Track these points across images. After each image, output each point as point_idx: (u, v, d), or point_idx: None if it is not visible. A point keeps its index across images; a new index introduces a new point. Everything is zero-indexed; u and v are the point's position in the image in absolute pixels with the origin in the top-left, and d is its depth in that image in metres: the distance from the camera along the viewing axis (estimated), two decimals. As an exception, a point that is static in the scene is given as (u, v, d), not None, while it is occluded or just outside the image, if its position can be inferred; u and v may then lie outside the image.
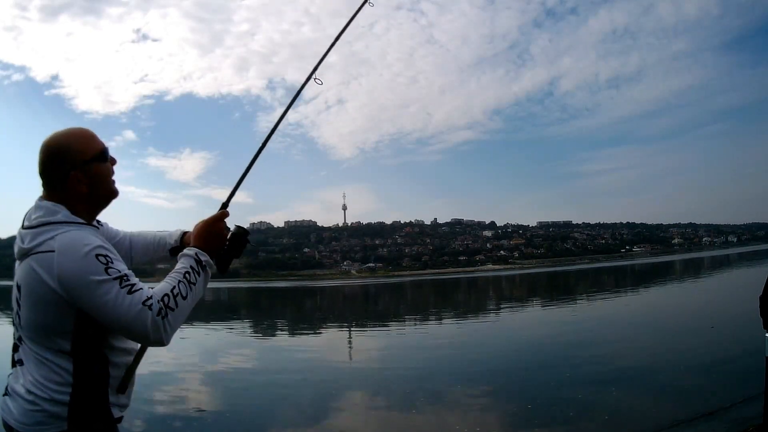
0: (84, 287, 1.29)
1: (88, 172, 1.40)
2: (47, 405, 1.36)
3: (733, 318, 11.34)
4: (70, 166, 1.38)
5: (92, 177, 1.41)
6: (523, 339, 11.63)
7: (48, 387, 1.36)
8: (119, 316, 1.30)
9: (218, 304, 32.99)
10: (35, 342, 1.38)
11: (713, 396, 5.78)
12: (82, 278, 1.29)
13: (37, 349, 1.38)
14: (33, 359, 1.39)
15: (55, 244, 1.32)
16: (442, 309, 23.41)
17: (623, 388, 6.50)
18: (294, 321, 21.59)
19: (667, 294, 22.16)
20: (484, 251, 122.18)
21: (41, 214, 1.37)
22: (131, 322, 1.30)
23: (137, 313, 1.30)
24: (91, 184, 1.42)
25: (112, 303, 1.29)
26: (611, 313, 16.44)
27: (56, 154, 1.38)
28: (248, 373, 9.18)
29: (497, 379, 7.56)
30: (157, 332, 1.31)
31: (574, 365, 8.16)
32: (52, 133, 1.41)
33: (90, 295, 1.29)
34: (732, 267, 39.40)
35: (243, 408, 6.45)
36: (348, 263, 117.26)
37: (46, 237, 1.34)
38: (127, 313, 1.30)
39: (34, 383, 1.37)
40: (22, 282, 1.36)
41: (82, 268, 1.30)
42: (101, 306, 1.30)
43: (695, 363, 7.60)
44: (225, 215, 1.59)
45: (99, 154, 1.43)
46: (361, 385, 7.79)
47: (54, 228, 1.35)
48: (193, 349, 11.98)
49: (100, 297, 1.29)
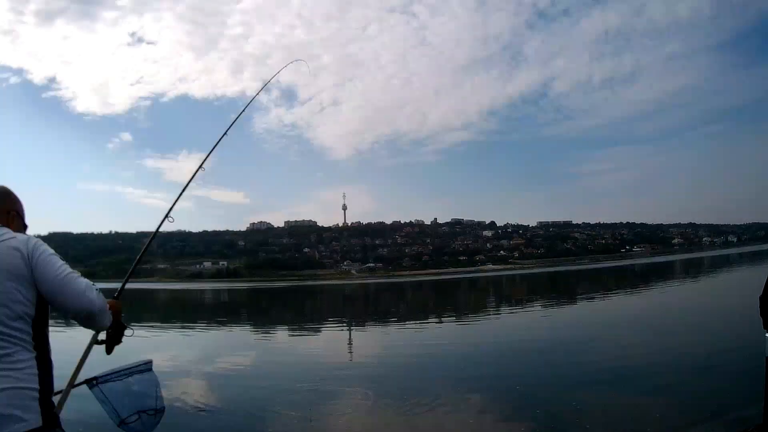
0: (43, 251, 1.63)
1: (19, 220, 1.84)
2: (17, 398, 1.48)
3: (733, 318, 11.34)
4: (13, 207, 1.82)
5: (19, 225, 1.81)
6: (523, 339, 11.61)
7: (18, 377, 1.51)
8: (62, 275, 1.62)
9: (218, 305, 33.02)
10: (5, 325, 1.53)
11: (713, 396, 5.79)
12: (41, 244, 1.65)
13: (7, 332, 1.53)
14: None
15: (18, 235, 1.69)
16: (441, 309, 23.40)
17: (622, 389, 6.50)
18: (294, 321, 21.59)
19: (667, 294, 22.15)
20: (484, 251, 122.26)
21: None
22: (73, 280, 1.63)
23: (93, 288, 1.67)
24: (17, 229, 1.78)
25: (63, 269, 1.63)
26: (610, 313, 16.44)
27: (8, 196, 1.83)
28: (248, 373, 9.19)
29: (497, 379, 7.55)
30: (91, 292, 1.66)
31: (571, 366, 8.16)
32: None
33: (47, 258, 1.62)
34: (732, 267, 39.39)
35: (243, 407, 6.46)
36: (348, 263, 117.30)
37: (9, 233, 1.68)
38: (71, 273, 1.64)
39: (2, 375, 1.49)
40: None
41: (41, 242, 1.67)
42: (55, 269, 1.62)
43: (695, 363, 7.61)
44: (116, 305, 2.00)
45: (24, 222, 1.88)
46: (361, 384, 7.79)
47: (11, 231, 1.70)
48: (193, 349, 11.97)
49: (53, 261, 1.63)
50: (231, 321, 21.85)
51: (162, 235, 69.83)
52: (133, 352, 2.61)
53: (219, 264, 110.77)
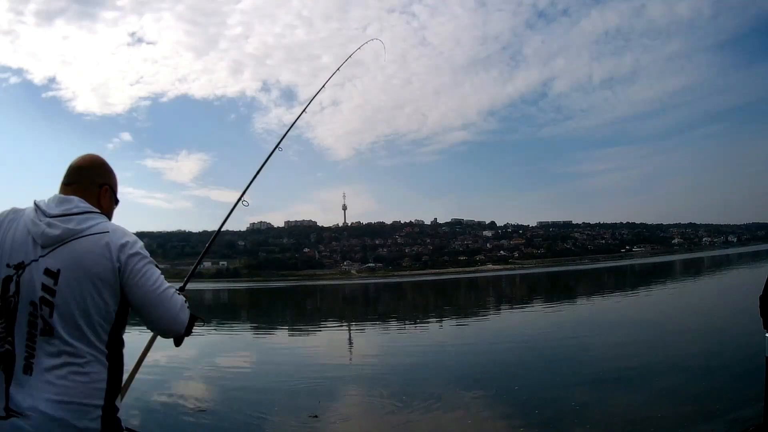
0: (140, 261, 1.40)
1: (112, 195, 1.58)
2: (76, 419, 1.27)
3: (733, 318, 11.33)
4: (106, 181, 1.55)
5: (110, 201, 1.58)
6: (522, 340, 11.61)
7: (80, 393, 1.29)
8: (161, 293, 1.41)
9: (218, 304, 33.02)
10: (74, 335, 1.32)
11: (713, 396, 5.78)
12: (139, 253, 1.41)
13: (76, 343, 1.31)
14: (63, 357, 1.30)
15: (108, 226, 1.43)
16: (441, 309, 23.40)
17: (622, 390, 6.50)
18: (293, 321, 21.60)
19: (667, 294, 22.15)
20: (484, 251, 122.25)
21: (76, 204, 1.43)
22: (169, 299, 1.43)
23: (174, 293, 1.46)
24: (108, 207, 1.56)
25: (156, 279, 1.42)
26: (610, 313, 16.42)
27: (102, 167, 1.57)
28: (247, 373, 9.19)
29: (495, 379, 7.55)
30: (184, 314, 1.50)
31: (572, 366, 8.16)
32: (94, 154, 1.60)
33: (143, 269, 1.40)
34: (732, 267, 39.38)
35: (242, 407, 6.46)
36: (348, 263, 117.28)
37: (96, 221, 1.42)
38: (169, 292, 1.44)
39: (63, 391, 1.27)
40: (72, 266, 1.34)
41: (138, 245, 1.43)
42: (149, 281, 1.40)
43: (695, 363, 7.60)
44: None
45: (116, 197, 1.63)
46: (360, 383, 7.79)
47: (100, 216, 1.45)
48: (192, 348, 11.97)
49: (150, 273, 1.41)
50: (231, 321, 21.85)
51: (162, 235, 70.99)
52: (133, 352, 2.60)
53: (219, 264, 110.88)
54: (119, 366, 1.43)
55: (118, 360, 1.43)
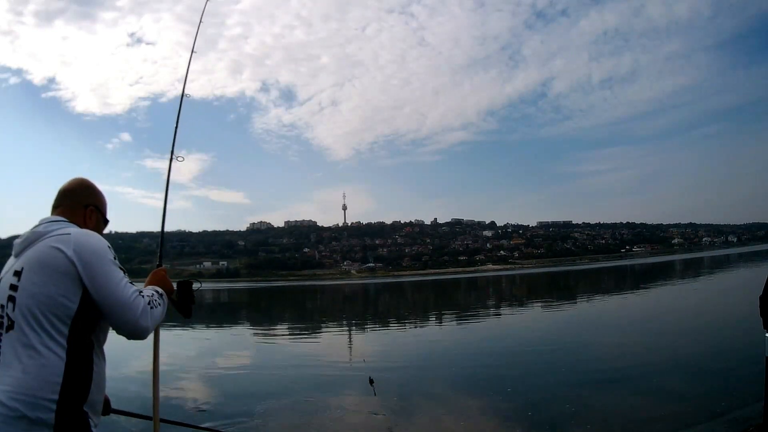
0: (98, 260, 1.45)
1: (98, 215, 1.69)
2: (29, 410, 1.30)
3: (733, 318, 11.33)
4: (91, 202, 1.67)
5: (97, 220, 1.69)
6: (522, 339, 11.61)
7: (34, 385, 1.32)
8: (120, 296, 1.44)
9: (218, 305, 33.01)
10: (31, 326, 1.37)
11: (713, 396, 5.78)
12: (97, 252, 1.46)
13: (31, 335, 1.37)
14: (20, 350, 1.36)
15: (72, 230, 1.51)
16: (441, 309, 23.39)
17: (622, 390, 6.50)
18: (293, 321, 21.60)
19: (667, 294, 22.16)
20: (484, 251, 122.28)
21: (56, 219, 1.57)
22: (129, 304, 1.46)
23: (135, 296, 1.49)
24: (95, 226, 1.66)
25: (118, 282, 1.46)
26: (610, 314, 16.43)
27: (88, 189, 1.70)
28: (247, 373, 9.19)
29: (496, 379, 7.55)
30: (145, 320, 1.48)
31: (572, 366, 8.15)
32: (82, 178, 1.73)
33: (102, 269, 1.44)
34: (732, 267, 39.38)
35: (242, 407, 6.46)
36: (348, 263, 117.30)
37: (62, 226, 1.52)
38: (128, 295, 1.47)
39: (17, 382, 1.32)
40: (31, 262, 1.44)
41: (99, 245, 1.48)
42: (108, 282, 1.44)
43: (695, 363, 7.60)
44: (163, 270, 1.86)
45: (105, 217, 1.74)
46: (359, 383, 7.79)
47: (71, 225, 1.55)
48: (193, 348, 11.97)
49: (109, 274, 1.45)
50: (230, 321, 21.84)
51: (162, 235, 70.76)
52: (133, 352, 2.61)
53: (219, 264, 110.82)
54: (85, 365, 1.43)
55: (84, 359, 1.43)
